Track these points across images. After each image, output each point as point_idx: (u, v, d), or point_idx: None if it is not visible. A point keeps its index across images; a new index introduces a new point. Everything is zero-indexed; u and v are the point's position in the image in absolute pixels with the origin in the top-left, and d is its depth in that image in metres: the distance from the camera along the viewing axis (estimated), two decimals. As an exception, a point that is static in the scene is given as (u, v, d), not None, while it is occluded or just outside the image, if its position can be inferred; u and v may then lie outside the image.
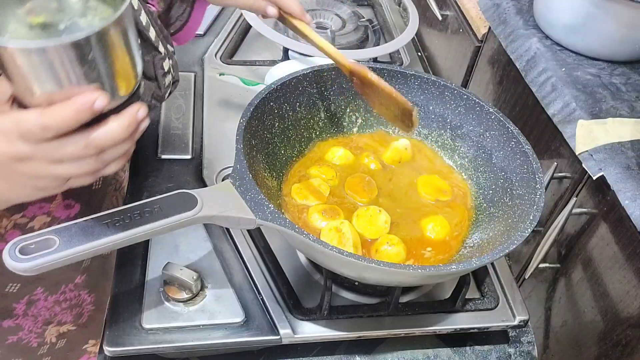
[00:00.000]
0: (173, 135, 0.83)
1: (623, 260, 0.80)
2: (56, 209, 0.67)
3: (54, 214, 0.67)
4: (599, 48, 1.00)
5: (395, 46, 1.00)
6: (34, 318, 0.74)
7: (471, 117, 0.72)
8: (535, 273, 0.98)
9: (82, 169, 0.44)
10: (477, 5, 1.24)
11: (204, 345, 0.59)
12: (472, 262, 0.53)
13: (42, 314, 0.75)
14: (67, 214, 0.68)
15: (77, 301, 0.78)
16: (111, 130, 0.42)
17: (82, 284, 0.77)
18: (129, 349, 0.58)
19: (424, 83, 0.74)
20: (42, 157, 0.42)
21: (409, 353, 0.65)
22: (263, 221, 0.53)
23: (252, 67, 1.00)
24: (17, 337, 0.74)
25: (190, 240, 0.68)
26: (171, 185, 0.76)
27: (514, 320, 0.65)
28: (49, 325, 0.77)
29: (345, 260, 0.51)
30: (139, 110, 0.43)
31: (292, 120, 0.72)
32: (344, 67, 0.69)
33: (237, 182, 0.56)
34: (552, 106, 0.94)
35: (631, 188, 0.77)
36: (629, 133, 0.85)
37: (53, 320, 0.77)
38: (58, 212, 0.67)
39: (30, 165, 0.43)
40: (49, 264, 0.46)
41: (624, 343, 0.81)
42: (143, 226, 0.50)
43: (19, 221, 0.64)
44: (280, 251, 0.69)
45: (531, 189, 0.61)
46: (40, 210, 0.65)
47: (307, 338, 0.61)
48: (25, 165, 0.43)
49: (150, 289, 0.63)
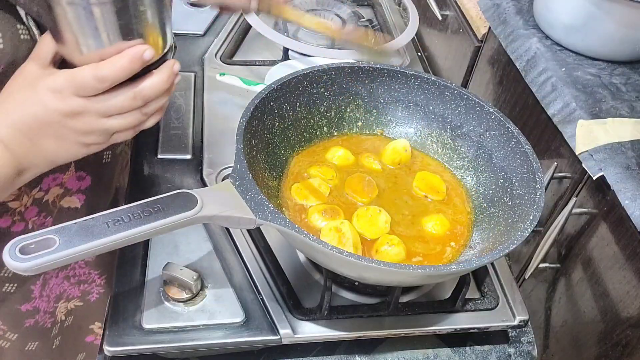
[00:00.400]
0: (173, 135, 0.83)
1: (623, 260, 0.80)
2: (69, 180, 0.68)
3: (66, 185, 0.68)
4: (599, 48, 1.00)
5: (395, 46, 1.00)
6: (47, 298, 0.75)
7: (471, 117, 0.72)
8: (535, 273, 0.98)
9: (127, 122, 0.49)
10: (477, 5, 1.24)
11: (203, 345, 0.59)
12: (472, 262, 0.53)
13: (54, 290, 0.75)
14: (78, 186, 0.69)
15: (86, 278, 0.79)
16: (155, 82, 0.47)
17: (93, 263, 0.78)
18: (129, 349, 0.58)
19: (424, 83, 0.74)
20: (93, 111, 0.46)
21: (409, 353, 0.65)
22: (263, 221, 0.53)
23: (252, 67, 0.99)
24: (34, 320, 0.75)
25: (190, 240, 0.68)
26: (171, 185, 0.76)
27: (514, 320, 0.65)
28: (59, 302, 0.78)
29: (345, 260, 0.51)
30: (174, 64, 0.49)
31: (292, 120, 0.72)
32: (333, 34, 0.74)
33: (237, 181, 0.56)
34: (552, 106, 0.94)
35: (631, 188, 0.77)
36: (629, 133, 0.85)
37: (62, 295, 0.77)
38: (71, 183, 0.68)
39: (82, 120, 0.46)
40: (48, 263, 0.46)
41: (624, 343, 0.81)
42: (143, 226, 0.50)
43: (37, 196, 0.65)
44: (280, 251, 0.69)
45: (531, 189, 0.61)
46: (54, 182, 0.66)
47: (307, 338, 0.61)
48: (77, 120, 0.46)
49: (150, 289, 0.63)
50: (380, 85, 0.75)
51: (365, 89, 0.75)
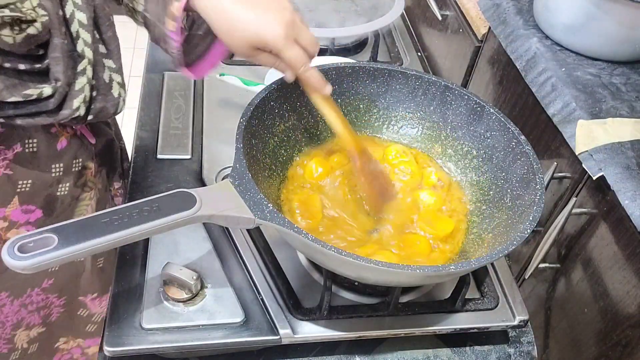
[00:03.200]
0: (173, 135, 0.83)
1: (623, 260, 0.80)
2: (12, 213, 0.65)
3: (10, 219, 0.65)
4: (599, 48, 1.00)
5: (383, 23, 0.99)
6: (2, 324, 0.73)
7: (472, 118, 0.72)
8: (535, 273, 0.98)
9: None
10: (477, 5, 1.24)
11: (203, 345, 0.59)
12: (472, 262, 0.53)
13: (10, 318, 0.73)
14: (26, 218, 0.67)
15: (44, 304, 0.77)
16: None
17: (50, 288, 0.76)
18: (129, 349, 0.58)
19: (424, 83, 0.74)
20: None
21: (408, 353, 0.65)
22: (262, 220, 0.53)
23: (252, 67, 0.99)
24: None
25: (190, 240, 0.68)
26: (170, 185, 0.76)
27: (514, 320, 0.65)
28: (18, 329, 0.76)
29: (345, 260, 0.51)
30: None
31: (292, 120, 0.72)
32: (355, 146, 0.68)
33: (236, 181, 0.56)
34: (552, 106, 0.94)
35: (631, 188, 0.77)
36: (629, 133, 0.85)
37: (21, 324, 0.75)
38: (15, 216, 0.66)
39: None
40: (47, 262, 0.46)
41: (624, 343, 0.81)
42: (142, 225, 0.50)
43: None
44: (280, 251, 0.69)
45: (531, 189, 0.61)
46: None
47: (307, 338, 0.61)
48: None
49: (150, 289, 0.63)
50: (381, 86, 0.75)
51: (365, 89, 0.75)
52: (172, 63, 0.64)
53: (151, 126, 0.85)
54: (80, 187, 0.72)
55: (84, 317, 0.85)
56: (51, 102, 0.57)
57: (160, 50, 0.64)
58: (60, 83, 0.56)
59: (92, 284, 0.82)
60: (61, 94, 0.57)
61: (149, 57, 0.98)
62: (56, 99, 0.57)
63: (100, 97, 0.62)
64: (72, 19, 0.57)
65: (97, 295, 0.84)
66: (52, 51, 0.56)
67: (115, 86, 0.63)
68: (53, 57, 0.56)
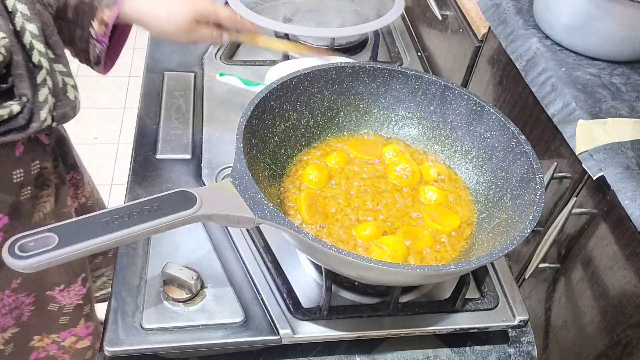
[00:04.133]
0: (172, 135, 0.83)
1: (623, 260, 0.80)
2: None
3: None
4: (599, 48, 1.00)
5: (383, 23, 0.99)
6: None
7: (472, 117, 0.72)
8: (535, 273, 0.98)
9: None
10: (477, 5, 1.24)
11: (203, 345, 0.59)
12: (472, 262, 0.53)
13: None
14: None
15: (16, 304, 0.77)
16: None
17: (19, 288, 0.76)
18: (129, 349, 0.58)
19: (424, 83, 0.74)
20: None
21: (408, 353, 0.65)
22: (262, 220, 0.53)
23: (252, 67, 0.99)
24: None
25: (190, 240, 0.68)
26: (170, 185, 0.76)
27: (514, 320, 0.65)
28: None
29: (345, 260, 0.51)
30: None
31: (292, 119, 0.72)
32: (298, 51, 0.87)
33: (236, 180, 0.56)
34: (552, 106, 0.94)
35: (631, 188, 0.77)
36: (629, 133, 0.85)
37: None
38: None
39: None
40: (48, 261, 0.46)
41: (624, 343, 0.81)
42: (142, 224, 0.50)
43: None
44: (280, 251, 0.69)
45: (531, 189, 0.61)
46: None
47: (307, 338, 0.61)
48: None
49: (149, 288, 0.62)
50: (381, 85, 0.75)
51: (365, 88, 0.75)
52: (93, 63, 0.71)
53: (151, 126, 0.85)
54: (40, 187, 0.73)
55: (55, 311, 0.85)
56: (21, 118, 0.57)
57: (161, 50, 0.65)
58: (27, 98, 0.56)
59: (59, 276, 0.82)
60: (29, 108, 0.58)
61: (149, 57, 0.98)
62: (25, 114, 0.57)
63: (60, 104, 0.63)
64: (24, 31, 0.56)
65: (64, 286, 0.84)
66: (15, 68, 0.56)
67: (70, 89, 0.64)
68: (17, 74, 0.56)
